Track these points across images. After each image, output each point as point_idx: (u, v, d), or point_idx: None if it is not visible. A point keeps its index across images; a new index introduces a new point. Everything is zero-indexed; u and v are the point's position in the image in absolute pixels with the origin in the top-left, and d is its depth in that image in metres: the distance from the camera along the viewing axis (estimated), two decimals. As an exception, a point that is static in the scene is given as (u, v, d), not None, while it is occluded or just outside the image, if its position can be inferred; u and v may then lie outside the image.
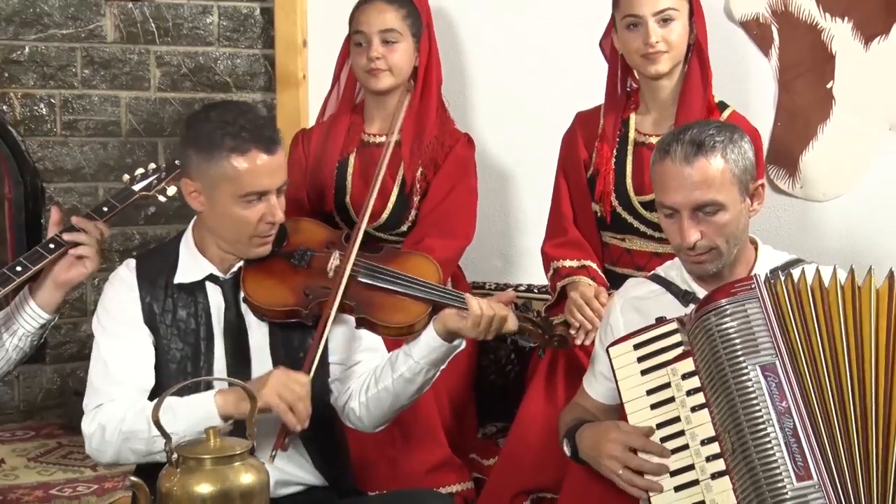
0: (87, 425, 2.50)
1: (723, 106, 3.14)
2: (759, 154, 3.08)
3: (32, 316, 2.55)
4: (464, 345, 2.60)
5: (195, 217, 2.66)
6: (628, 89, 3.22)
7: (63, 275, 2.54)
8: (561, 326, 2.68)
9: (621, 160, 3.16)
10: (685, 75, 3.12)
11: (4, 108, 3.81)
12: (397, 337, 2.64)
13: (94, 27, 3.88)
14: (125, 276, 2.62)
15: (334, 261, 2.64)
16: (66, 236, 2.53)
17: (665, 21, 3.03)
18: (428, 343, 2.53)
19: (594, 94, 3.26)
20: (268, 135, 2.53)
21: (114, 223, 2.74)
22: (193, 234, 2.65)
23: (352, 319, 2.63)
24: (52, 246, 2.52)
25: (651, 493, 2.30)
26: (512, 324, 2.54)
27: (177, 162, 2.76)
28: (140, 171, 2.75)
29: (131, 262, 2.64)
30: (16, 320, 2.56)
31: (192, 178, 2.56)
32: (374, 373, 2.60)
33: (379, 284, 2.63)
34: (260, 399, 2.33)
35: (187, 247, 2.64)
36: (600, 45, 3.21)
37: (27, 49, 3.81)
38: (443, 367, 2.60)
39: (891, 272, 2.25)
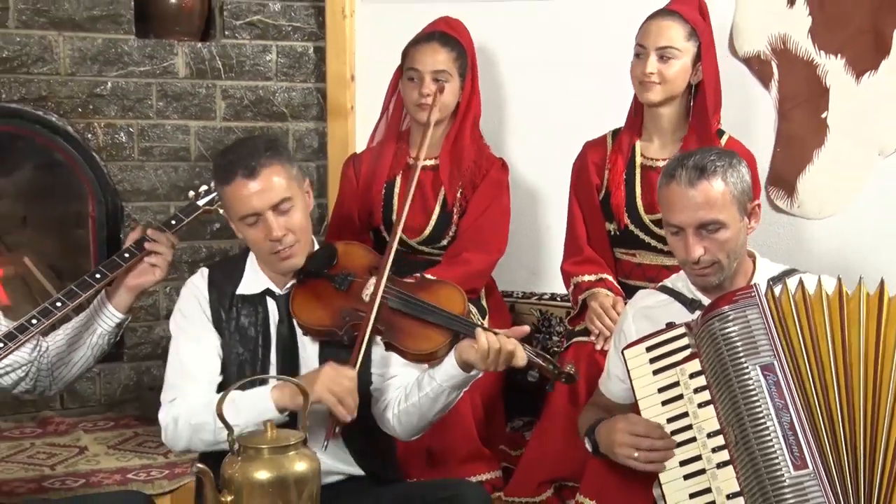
0: (163, 417, 2.53)
1: (720, 133, 3.14)
2: (755, 177, 3.07)
3: (109, 316, 2.58)
4: (479, 375, 2.54)
5: None
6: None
7: (136, 280, 2.57)
8: (569, 365, 2.60)
9: (630, 183, 3.16)
10: (694, 110, 3.12)
11: (89, 136, 3.82)
12: (419, 362, 2.60)
13: (168, 65, 3.91)
14: (198, 283, 2.64)
15: (369, 287, 2.61)
16: (148, 243, 2.56)
17: (665, 58, 3.04)
18: (447, 371, 2.50)
19: (607, 125, 3.28)
20: (250, 163, 2.51)
21: (183, 237, 2.78)
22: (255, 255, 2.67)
23: (381, 343, 2.61)
24: (126, 255, 2.55)
25: (663, 481, 2.30)
26: (521, 359, 2.47)
27: None
28: (203, 188, 2.76)
29: (205, 271, 2.66)
30: (95, 321, 2.58)
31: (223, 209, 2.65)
32: (405, 389, 2.58)
33: (407, 311, 2.59)
34: (312, 393, 2.33)
35: (251, 262, 2.66)
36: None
37: (109, 84, 3.83)
38: (465, 390, 2.57)
39: (881, 281, 2.25)
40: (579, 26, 3.70)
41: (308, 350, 2.61)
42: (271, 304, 2.62)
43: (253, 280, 2.63)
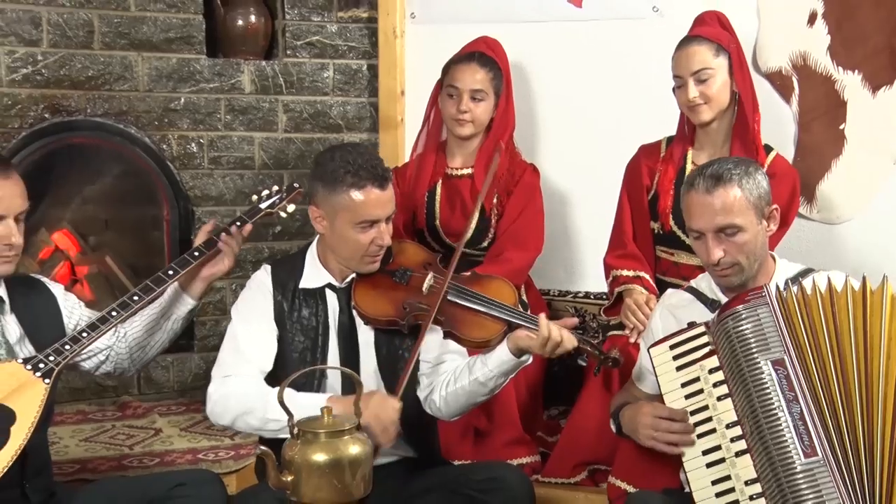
0: (214, 390, 2.56)
1: (768, 149, 3.12)
2: (796, 190, 3.12)
3: (183, 304, 2.63)
4: (530, 360, 2.57)
5: (318, 236, 2.68)
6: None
7: (209, 270, 2.63)
8: (614, 350, 2.63)
9: (679, 189, 3.14)
10: (735, 120, 3.11)
11: (164, 146, 3.86)
12: (475, 348, 2.63)
13: (235, 82, 3.94)
14: (263, 279, 2.67)
15: (429, 280, 2.65)
16: (222, 241, 2.63)
17: (703, 79, 3.02)
18: (500, 357, 2.52)
19: (633, 135, 3.28)
20: (381, 173, 2.55)
21: (247, 239, 2.81)
22: (317, 249, 2.68)
23: (440, 331, 2.64)
24: (196, 254, 2.60)
25: (687, 468, 2.31)
26: (570, 344, 2.50)
27: (295, 185, 2.82)
28: (265, 192, 2.80)
29: (268, 268, 2.70)
30: (171, 308, 2.64)
31: (317, 205, 2.59)
32: (454, 372, 2.60)
33: (464, 303, 2.63)
34: (361, 417, 2.33)
35: (312, 259, 2.68)
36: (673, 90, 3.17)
37: (182, 100, 3.87)
38: (511, 377, 2.59)
39: (883, 278, 2.25)
40: (608, 45, 3.69)
41: (365, 336, 2.64)
42: (331, 297, 2.65)
43: (314, 275, 2.66)
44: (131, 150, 3.85)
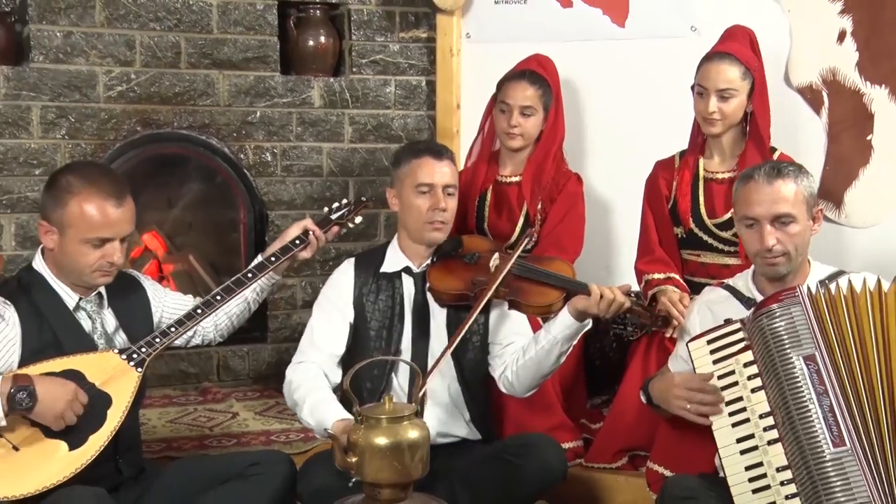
0: (288, 373, 2.68)
1: (773, 150, 3.08)
2: None
3: (268, 278, 2.68)
4: (590, 324, 2.61)
5: (398, 229, 2.79)
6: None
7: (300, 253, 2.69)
8: (663, 311, 2.70)
9: (695, 193, 3.13)
10: (749, 133, 3.08)
11: (242, 156, 3.89)
12: (539, 315, 2.72)
13: (306, 97, 3.96)
14: (346, 268, 2.77)
15: (495, 260, 2.73)
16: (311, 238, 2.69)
17: (724, 97, 2.99)
18: (563, 322, 2.56)
19: (671, 147, 3.26)
20: (437, 148, 2.76)
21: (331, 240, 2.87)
22: (398, 238, 2.78)
23: (505, 304, 2.70)
24: (272, 259, 2.65)
25: (722, 455, 2.28)
26: (623, 301, 2.53)
27: (363, 198, 2.90)
28: (336, 204, 2.85)
29: (351, 259, 2.80)
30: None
31: (392, 186, 2.78)
32: (522, 348, 2.64)
33: (526, 276, 2.69)
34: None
35: (393, 247, 2.78)
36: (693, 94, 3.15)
37: (258, 114, 3.90)
38: (574, 342, 2.61)
39: None
40: (648, 62, 3.67)
41: (438, 318, 2.71)
42: (407, 280, 2.72)
43: (394, 260, 2.75)
44: (212, 159, 3.89)
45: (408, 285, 2.72)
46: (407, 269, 2.73)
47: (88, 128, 3.69)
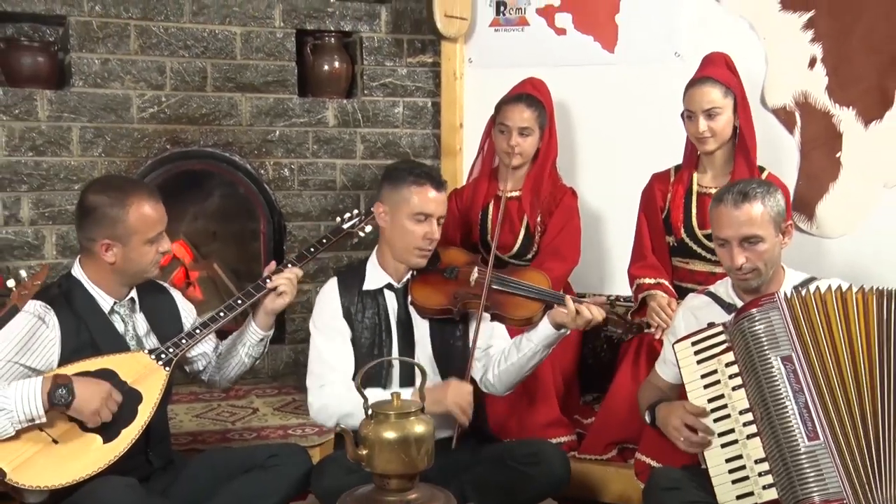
0: (314, 401, 2.58)
1: (762, 169, 3.09)
2: (787, 202, 3.04)
3: (254, 333, 2.61)
4: (568, 332, 2.58)
5: (377, 245, 2.69)
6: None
7: (270, 305, 2.57)
8: (637, 318, 2.68)
9: (688, 205, 3.13)
10: (736, 150, 3.08)
11: (262, 171, 3.90)
12: (519, 326, 2.65)
13: (321, 117, 3.97)
14: (330, 288, 2.67)
15: (475, 274, 2.67)
16: (272, 280, 2.56)
17: (711, 116, 3.00)
18: (542, 331, 2.55)
19: (657, 162, 3.26)
20: (437, 178, 2.62)
21: (331, 249, 2.80)
22: (377, 255, 2.69)
23: (488, 316, 2.65)
24: (256, 288, 2.56)
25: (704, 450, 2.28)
26: (599, 316, 2.52)
27: (372, 209, 2.82)
28: (347, 215, 2.83)
29: (334, 279, 2.69)
30: (245, 336, 2.62)
31: (382, 202, 2.63)
32: (503, 353, 2.62)
33: (506, 289, 2.65)
34: (442, 405, 2.41)
35: (372, 264, 2.69)
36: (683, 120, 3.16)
37: (277, 132, 3.91)
38: (552, 349, 2.60)
39: (879, 287, 2.24)
40: (636, 85, 3.66)
41: (421, 329, 2.65)
42: (389, 296, 2.65)
43: (375, 277, 2.66)
44: (235, 174, 3.89)
45: (391, 300, 2.65)
46: (389, 286, 2.66)
47: (123, 146, 3.70)
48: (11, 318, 2.09)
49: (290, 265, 2.63)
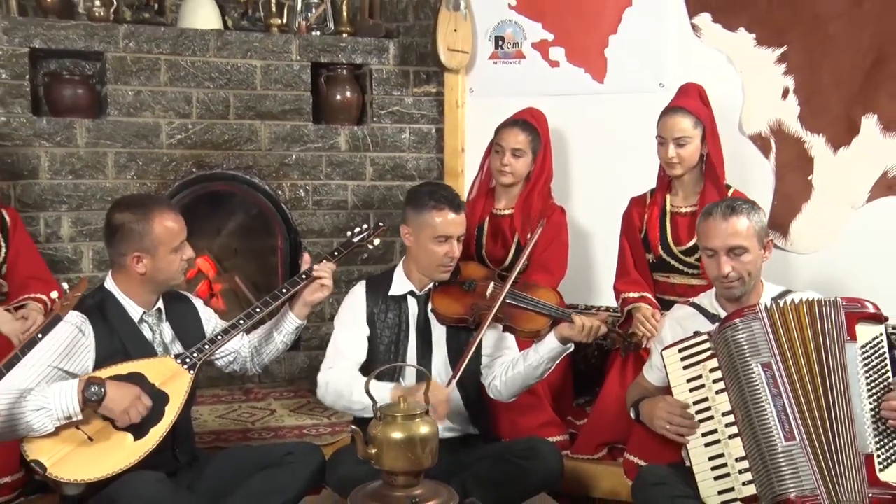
0: (320, 378, 2.61)
1: (728, 187, 3.08)
2: None
3: (291, 322, 2.63)
4: (572, 347, 2.60)
5: (405, 257, 2.72)
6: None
7: (310, 296, 2.60)
8: (636, 336, 2.68)
9: (663, 225, 3.13)
10: (705, 173, 3.07)
11: (279, 192, 3.90)
12: (528, 338, 2.66)
13: (334, 142, 3.97)
14: (359, 291, 2.70)
15: (491, 288, 2.69)
16: (317, 268, 2.61)
17: (680, 144, 3.00)
18: (549, 344, 2.55)
19: (642, 184, 3.25)
20: (456, 202, 2.62)
21: (342, 264, 2.79)
22: (403, 265, 2.72)
23: (500, 326, 2.67)
24: (303, 277, 2.60)
25: (689, 447, 2.27)
26: (603, 330, 2.53)
27: (380, 224, 2.85)
28: (357, 229, 2.83)
29: (363, 282, 2.73)
30: (282, 324, 2.64)
31: (407, 224, 2.65)
32: (511, 362, 2.62)
33: (518, 304, 2.66)
34: (414, 397, 2.34)
35: (399, 273, 2.71)
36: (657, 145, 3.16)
37: (294, 156, 3.91)
38: (557, 362, 2.61)
39: (835, 299, 2.24)
40: (624, 113, 3.67)
41: (437, 334, 2.66)
42: (412, 302, 2.67)
43: (400, 284, 2.69)
44: (255, 194, 3.89)
45: (412, 306, 2.68)
46: (412, 293, 2.68)
47: (153, 169, 3.70)
48: (54, 327, 2.09)
49: (325, 260, 2.66)
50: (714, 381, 2.27)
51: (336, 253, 2.72)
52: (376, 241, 2.83)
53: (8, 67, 3.48)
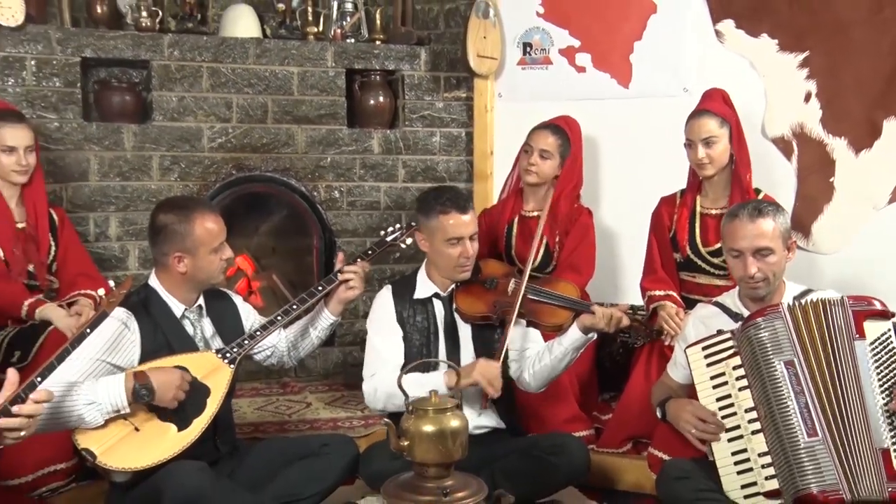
0: (366, 387, 2.59)
1: (757, 191, 3.05)
2: None
3: (326, 318, 2.65)
4: (595, 337, 2.60)
5: (426, 260, 2.71)
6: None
7: (342, 294, 2.62)
8: (656, 325, 2.69)
9: (692, 226, 3.10)
10: (733, 174, 3.04)
11: (315, 193, 3.91)
12: (552, 332, 2.66)
13: (367, 145, 3.98)
14: (386, 295, 2.69)
15: (512, 285, 2.68)
16: (345, 270, 2.61)
17: (708, 144, 2.97)
18: (572, 335, 2.56)
19: (667, 186, 3.23)
20: (461, 202, 2.60)
21: (375, 263, 2.81)
22: (426, 268, 2.71)
23: (524, 322, 2.66)
24: (336, 277, 2.61)
25: (712, 443, 2.24)
26: (625, 321, 2.53)
27: (413, 223, 2.83)
28: (390, 228, 2.84)
29: (389, 287, 2.72)
30: (317, 320, 2.66)
31: (420, 231, 2.65)
32: (537, 355, 2.62)
33: (540, 299, 2.66)
34: (470, 378, 2.40)
35: (422, 276, 2.71)
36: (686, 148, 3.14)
37: (329, 159, 3.92)
38: (581, 351, 2.60)
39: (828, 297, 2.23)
40: (648, 117, 3.65)
41: (464, 332, 2.65)
42: (437, 303, 2.67)
43: (424, 287, 2.68)
44: (292, 196, 3.91)
45: (438, 307, 2.67)
46: (436, 295, 2.67)
47: (195, 172, 3.74)
48: (101, 322, 2.12)
49: (358, 259, 2.67)
50: (737, 379, 2.25)
51: (369, 252, 2.73)
52: (408, 241, 2.83)
53: (61, 76, 3.53)
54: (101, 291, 2.17)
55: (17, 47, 3.45)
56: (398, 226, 2.85)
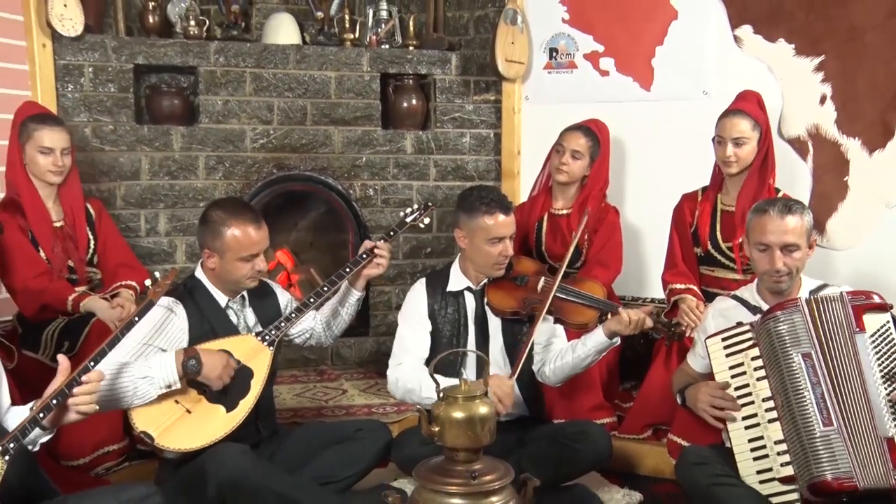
0: (390, 375, 2.60)
1: (777, 191, 3.00)
2: None
3: (353, 295, 2.67)
4: (618, 341, 2.57)
5: (460, 255, 2.70)
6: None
7: (368, 271, 2.65)
8: (679, 327, 2.63)
9: (713, 222, 3.06)
10: (756, 173, 2.99)
11: (351, 192, 3.91)
12: (577, 330, 2.63)
13: (401, 145, 3.97)
14: (419, 288, 2.69)
15: (542, 283, 2.66)
16: (381, 246, 2.65)
17: (738, 144, 2.94)
18: (596, 338, 2.52)
19: (688, 186, 3.19)
20: (505, 204, 2.59)
21: (406, 256, 2.81)
22: (459, 262, 2.70)
23: (551, 318, 2.64)
24: (363, 256, 2.63)
25: (730, 430, 2.23)
26: (649, 323, 2.50)
27: (429, 203, 2.86)
28: (408, 209, 2.85)
29: (423, 280, 2.72)
30: (346, 299, 2.68)
31: (460, 227, 2.62)
32: (560, 352, 2.60)
33: (568, 298, 2.63)
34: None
35: (455, 270, 2.70)
36: (713, 144, 3.10)
37: (364, 159, 3.92)
38: (602, 356, 2.58)
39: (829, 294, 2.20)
40: (670, 119, 3.61)
41: (493, 325, 2.64)
42: (469, 296, 2.66)
43: (457, 280, 2.68)
44: (329, 194, 3.91)
45: (470, 301, 2.66)
46: (468, 288, 2.66)
47: (238, 171, 3.77)
48: (148, 310, 2.15)
49: (383, 240, 2.69)
50: (755, 369, 2.22)
51: (391, 233, 2.74)
52: (426, 220, 2.84)
53: (115, 81, 3.58)
54: (148, 282, 2.18)
55: (77, 55, 3.51)
56: (416, 206, 2.85)
